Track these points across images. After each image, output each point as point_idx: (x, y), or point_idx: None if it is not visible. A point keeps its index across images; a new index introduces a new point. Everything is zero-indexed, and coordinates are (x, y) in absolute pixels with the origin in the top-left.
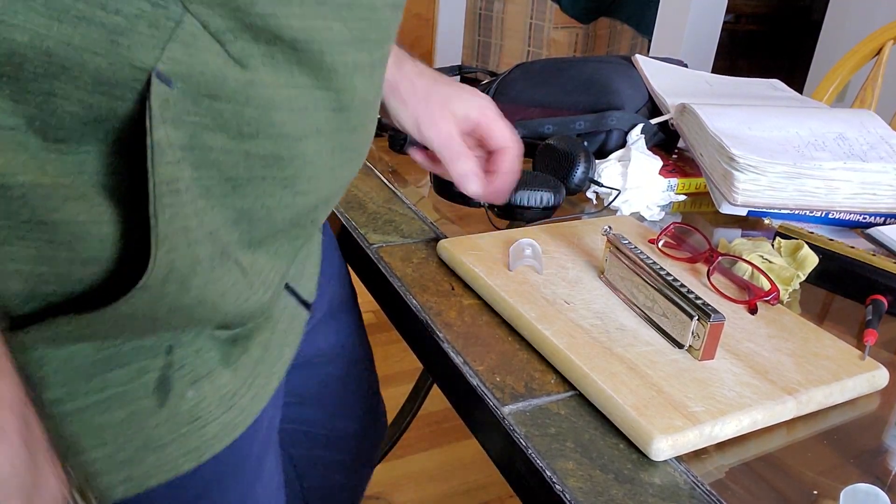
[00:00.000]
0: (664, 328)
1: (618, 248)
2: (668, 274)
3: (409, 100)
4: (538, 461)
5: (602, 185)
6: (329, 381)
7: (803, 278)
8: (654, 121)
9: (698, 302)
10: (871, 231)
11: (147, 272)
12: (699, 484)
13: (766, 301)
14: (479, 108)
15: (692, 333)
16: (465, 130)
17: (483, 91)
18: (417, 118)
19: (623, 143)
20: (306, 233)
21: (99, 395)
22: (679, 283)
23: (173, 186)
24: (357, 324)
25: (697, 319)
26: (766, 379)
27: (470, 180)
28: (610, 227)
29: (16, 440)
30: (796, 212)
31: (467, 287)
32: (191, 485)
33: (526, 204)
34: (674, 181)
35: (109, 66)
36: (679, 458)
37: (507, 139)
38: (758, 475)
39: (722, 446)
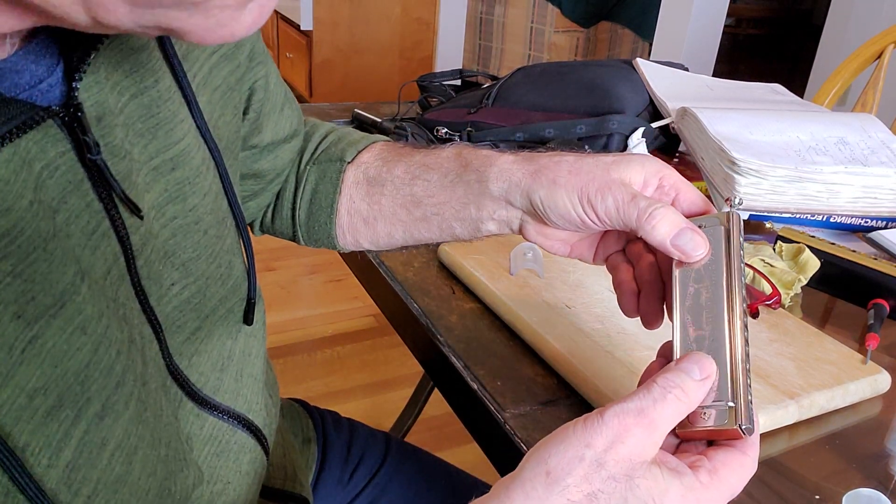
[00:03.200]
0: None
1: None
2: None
3: (561, 176)
4: None
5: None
6: None
7: (805, 282)
8: (655, 124)
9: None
10: (873, 235)
11: None
12: None
13: (768, 305)
14: (656, 168)
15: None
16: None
17: (484, 95)
18: (581, 189)
19: (624, 147)
20: None
21: None
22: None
23: None
24: None
25: (728, 407)
26: (767, 383)
27: (688, 237)
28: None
29: None
30: (798, 216)
31: (468, 291)
32: None
33: None
34: None
35: None
36: None
37: (702, 200)
38: (760, 479)
39: None
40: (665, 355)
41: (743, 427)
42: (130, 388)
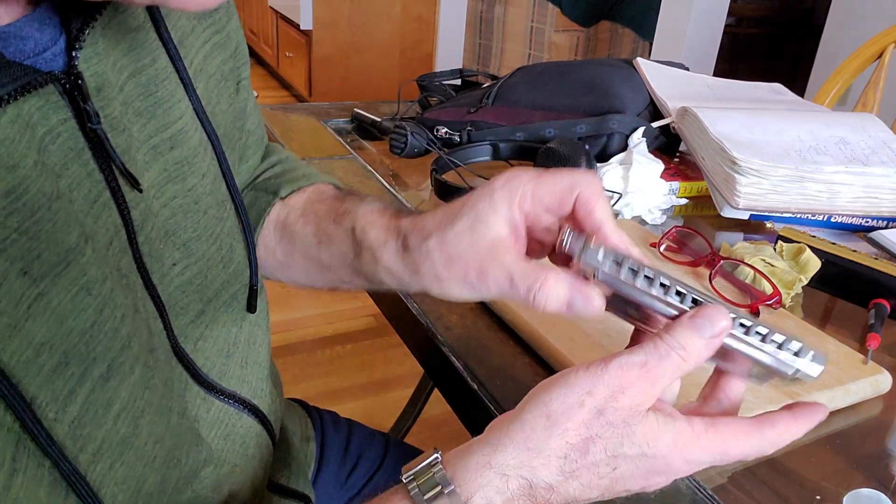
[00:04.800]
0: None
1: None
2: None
3: (441, 271)
4: None
5: (603, 189)
6: None
7: (805, 282)
8: (655, 124)
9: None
10: (874, 235)
11: None
12: (701, 489)
13: (769, 305)
14: (513, 206)
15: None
16: (529, 223)
17: (484, 95)
18: (463, 279)
19: (624, 147)
20: None
21: None
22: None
23: None
24: None
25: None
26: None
27: (578, 303)
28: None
29: None
30: (798, 215)
31: None
32: None
33: None
34: (675, 185)
35: None
36: None
37: (577, 179)
38: (760, 480)
39: None
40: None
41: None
42: (136, 353)
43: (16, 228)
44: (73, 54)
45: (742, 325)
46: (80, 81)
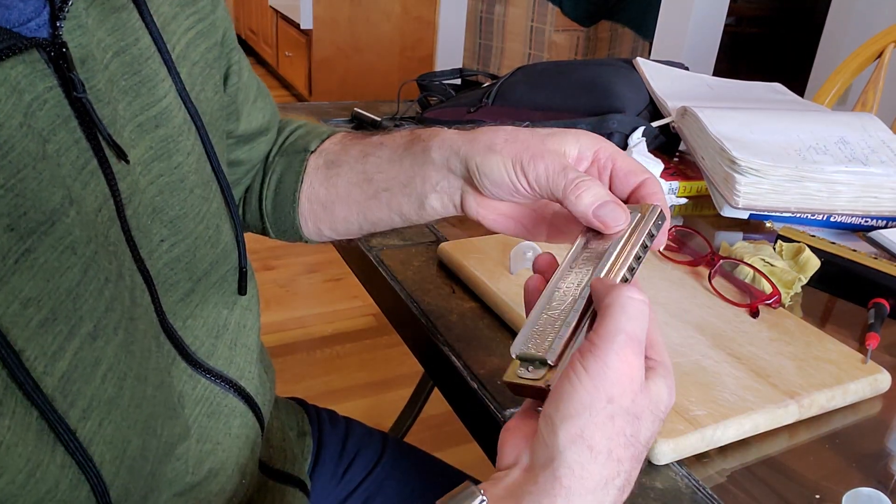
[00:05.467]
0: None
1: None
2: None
3: (497, 143)
4: None
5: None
6: None
7: (805, 281)
8: (655, 124)
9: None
10: (873, 234)
11: None
12: (701, 488)
13: (768, 304)
14: (591, 142)
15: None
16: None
17: (484, 94)
18: (515, 155)
19: (624, 146)
20: None
21: None
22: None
23: None
24: None
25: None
26: (767, 382)
27: (609, 209)
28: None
29: None
30: (798, 215)
31: (468, 290)
32: None
33: None
34: (675, 184)
35: None
36: (681, 462)
37: (639, 167)
38: (759, 479)
39: (724, 450)
40: (540, 271)
41: (548, 385)
42: (118, 317)
43: (2, 185)
44: (58, 24)
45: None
46: (64, 50)
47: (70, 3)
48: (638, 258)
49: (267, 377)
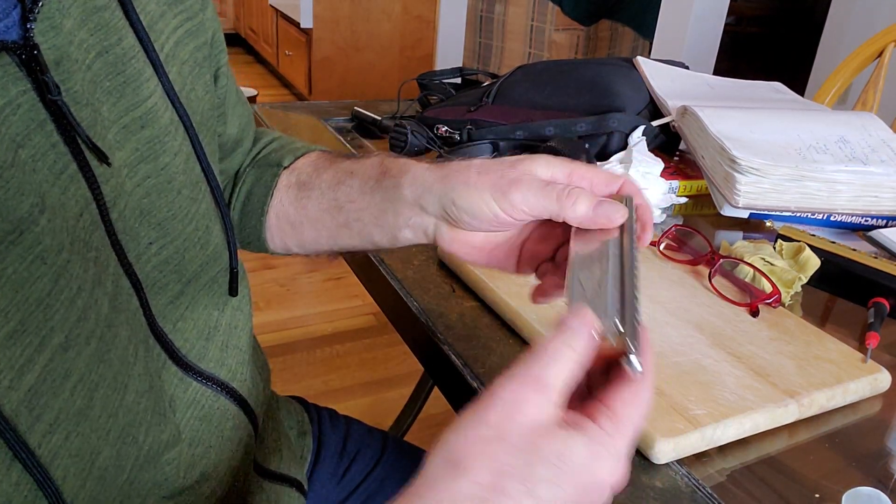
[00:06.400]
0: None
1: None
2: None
3: (472, 177)
4: None
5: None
6: None
7: (805, 281)
8: (655, 123)
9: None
10: (873, 234)
11: None
12: (700, 487)
13: (768, 304)
14: (563, 165)
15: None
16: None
17: (484, 93)
18: (492, 186)
19: (624, 146)
20: None
21: None
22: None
23: None
24: None
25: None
26: (767, 382)
27: (607, 205)
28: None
29: None
30: (798, 214)
31: (468, 289)
32: None
33: None
34: (675, 183)
35: None
36: (680, 461)
37: (613, 176)
38: (759, 478)
39: (723, 449)
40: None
41: (630, 357)
42: (92, 326)
43: None
44: (28, 26)
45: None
46: (35, 52)
47: (41, 3)
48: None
49: (260, 377)
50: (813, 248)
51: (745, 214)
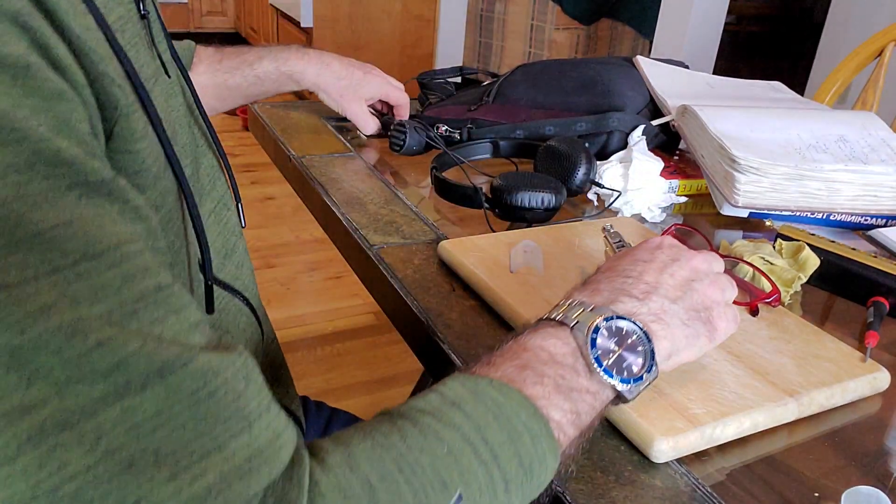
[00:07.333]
0: None
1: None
2: None
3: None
4: None
5: (603, 187)
6: None
7: (804, 280)
8: (655, 122)
9: None
10: (873, 233)
11: None
12: (700, 486)
13: (768, 303)
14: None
15: None
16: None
17: (484, 92)
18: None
19: (624, 145)
20: None
21: None
22: None
23: None
24: None
25: None
26: (767, 381)
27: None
28: (612, 226)
29: None
30: (798, 213)
31: (468, 288)
32: None
33: (527, 205)
34: (675, 182)
35: None
36: (680, 460)
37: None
38: (759, 477)
39: (723, 448)
40: None
41: None
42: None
43: None
44: None
45: None
46: None
47: None
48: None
49: (260, 303)
50: (812, 247)
51: (744, 214)
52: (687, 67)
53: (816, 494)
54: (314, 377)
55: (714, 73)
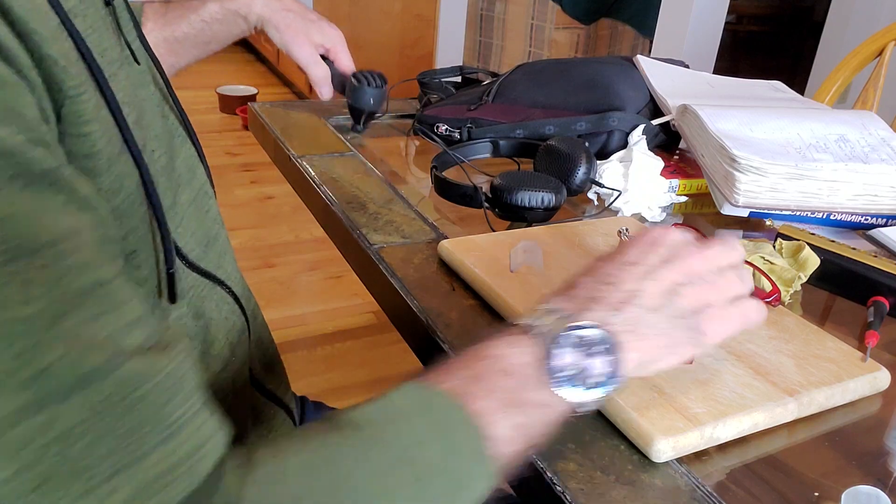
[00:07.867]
0: None
1: None
2: None
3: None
4: (539, 462)
5: (603, 186)
6: None
7: (805, 280)
8: (655, 122)
9: None
10: (873, 232)
11: None
12: (700, 486)
13: (768, 302)
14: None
15: None
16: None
17: (484, 92)
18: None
19: (624, 144)
20: None
21: None
22: None
23: None
24: None
25: None
26: (767, 380)
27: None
28: (627, 229)
29: None
30: (798, 213)
31: (468, 288)
32: None
33: (527, 204)
34: (675, 182)
35: None
36: (680, 460)
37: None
38: (759, 477)
39: (723, 448)
40: None
41: None
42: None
43: None
44: None
45: None
46: None
47: None
48: None
49: (249, 296)
50: (813, 246)
51: (744, 213)
52: (687, 67)
53: (816, 494)
54: (314, 377)
55: (714, 72)
